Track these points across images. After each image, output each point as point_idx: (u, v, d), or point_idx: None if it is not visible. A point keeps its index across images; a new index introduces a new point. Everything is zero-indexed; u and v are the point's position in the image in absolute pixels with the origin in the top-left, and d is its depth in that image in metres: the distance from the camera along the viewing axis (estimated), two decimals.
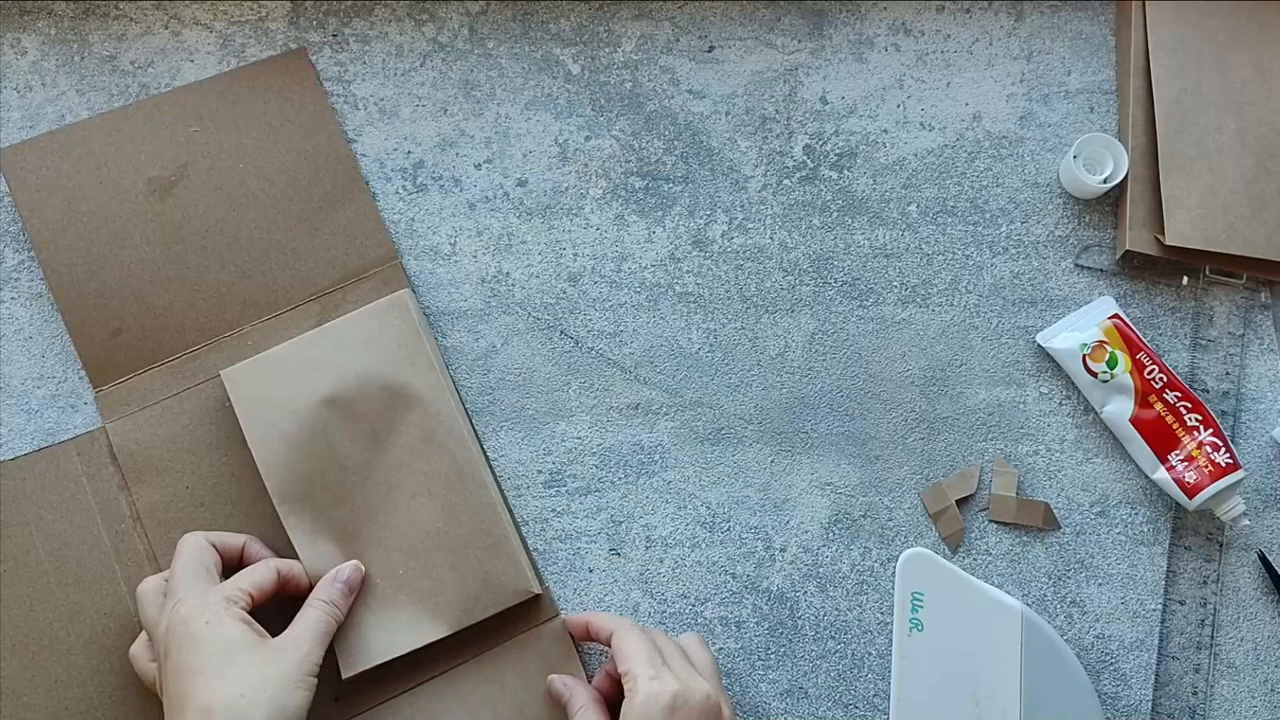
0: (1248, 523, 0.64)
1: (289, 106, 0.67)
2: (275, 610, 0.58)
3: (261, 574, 0.57)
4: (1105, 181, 0.67)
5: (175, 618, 0.53)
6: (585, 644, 0.63)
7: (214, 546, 0.58)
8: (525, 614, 0.62)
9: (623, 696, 0.54)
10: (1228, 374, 0.67)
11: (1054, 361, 0.67)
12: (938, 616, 0.62)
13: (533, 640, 0.62)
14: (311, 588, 0.59)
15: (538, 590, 0.62)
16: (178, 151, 0.66)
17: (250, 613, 0.55)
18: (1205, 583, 0.65)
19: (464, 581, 0.60)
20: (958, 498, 0.65)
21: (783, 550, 0.65)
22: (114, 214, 0.65)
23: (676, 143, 0.69)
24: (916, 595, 0.62)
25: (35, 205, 0.64)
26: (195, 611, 0.53)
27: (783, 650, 0.64)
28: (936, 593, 0.62)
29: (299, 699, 0.52)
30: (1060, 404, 0.67)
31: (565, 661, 0.61)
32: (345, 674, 0.59)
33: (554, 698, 0.59)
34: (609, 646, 0.58)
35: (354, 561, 0.60)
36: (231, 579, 0.56)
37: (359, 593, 0.60)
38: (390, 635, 0.59)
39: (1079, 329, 0.65)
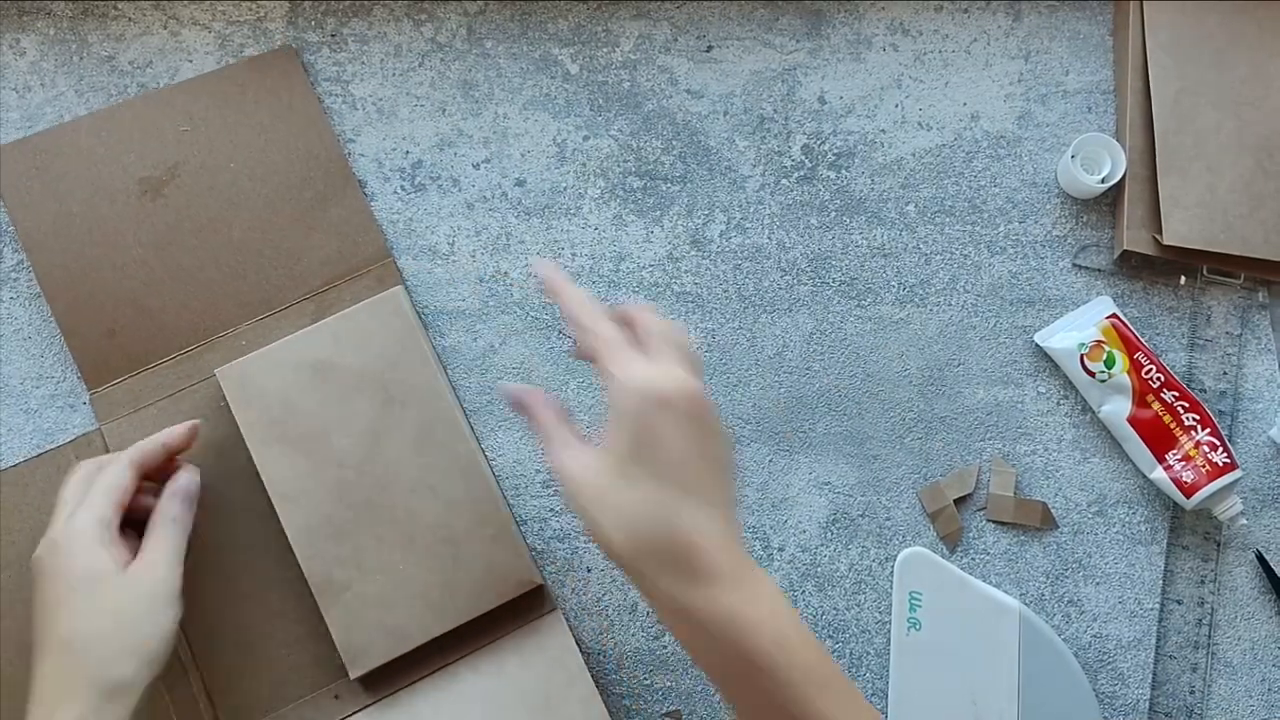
0: (1245, 522, 0.64)
1: (279, 105, 0.67)
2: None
3: (114, 479, 0.55)
4: (1103, 181, 0.67)
5: (43, 548, 0.53)
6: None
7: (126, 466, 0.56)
8: (526, 606, 0.62)
9: None
10: (1225, 374, 0.67)
11: (1052, 361, 0.67)
12: (936, 616, 0.62)
13: (533, 633, 0.62)
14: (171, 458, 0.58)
15: (540, 580, 0.62)
16: (168, 151, 0.66)
17: (127, 518, 0.55)
18: (1203, 582, 0.65)
19: (467, 574, 0.61)
20: (956, 497, 0.65)
21: (781, 550, 0.65)
22: (105, 215, 0.65)
23: (675, 142, 0.69)
24: (915, 594, 0.62)
25: (26, 206, 0.64)
26: (57, 541, 0.52)
27: None
28: (935, 592, 0.62)
29: (160, 627, 0.52)
30: (1058, 403, 0.67)
31: (565, 654, 0.61)
32: (353, 675, 0.59)
33: (514, 407, 0.54)
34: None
35: (189, 468, 0.58)
36: (93, 490, 0.54)
37: (363, 590, 0.60)
38: (395, 632, 0.59)
39: (1077, 329, 0.65)
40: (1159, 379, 0.64)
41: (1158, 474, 0.64)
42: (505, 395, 0.54)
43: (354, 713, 0.60)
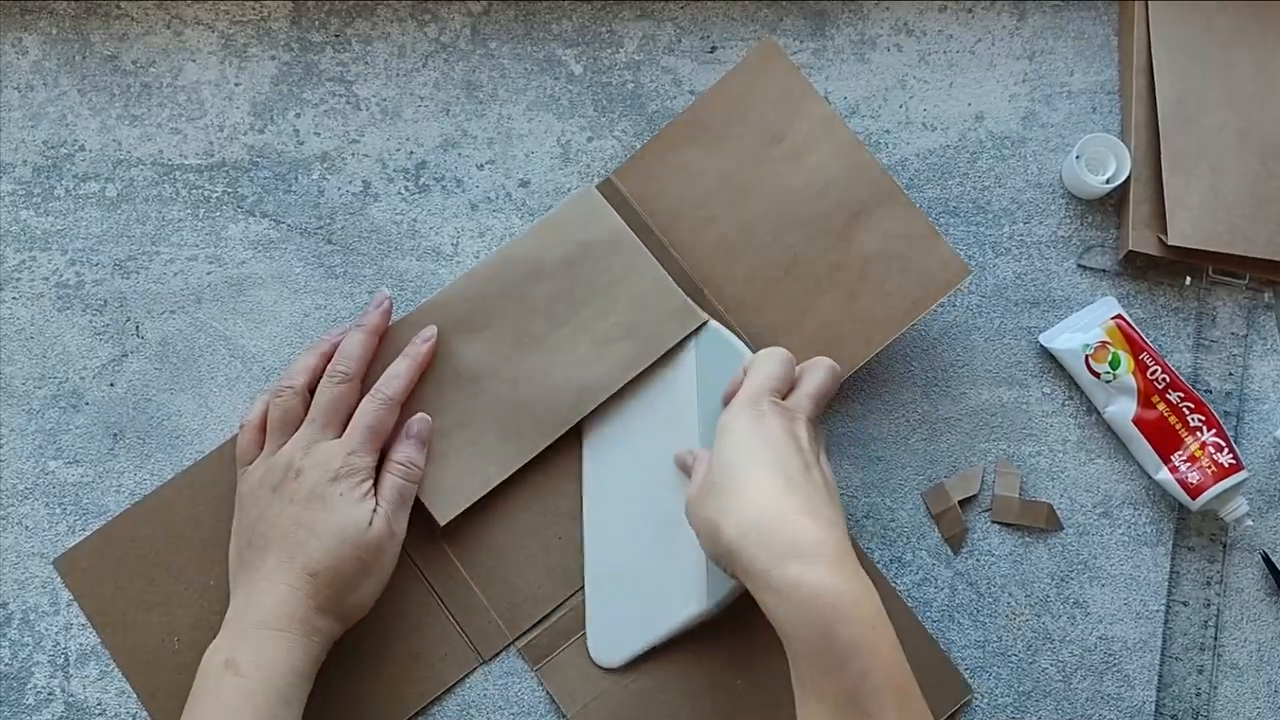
0: (1251, 523, 0.64)
1: None
2: None
3: (380, 421, 0.59)
4: (1108, 182, 0.67)
5: (316, 458, 0.57)
6: None
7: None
8: None
9: None
10: (1231, 374, 0.67)
11: (1056, 362, 0.67)
12: None
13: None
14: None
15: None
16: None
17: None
18: (1208, 583, 0.65)
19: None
20: (960, 498, 0.65)
21: None
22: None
23: None
24: None
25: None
26: (335, 468, 0.57)
27: None
28: None
29: (391, 568, 0.58)
30: (1063, 404, 0.67)
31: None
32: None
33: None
34: None
35: (423, 416, 0.62)
36: (360, 428, 0.59)
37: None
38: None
39: (1082, 329, 0.65)
40: (1164, 380, 0.64)
41: (1163, 475, 0.64)
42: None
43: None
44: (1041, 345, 0.67)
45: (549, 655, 0.62)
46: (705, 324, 0.63)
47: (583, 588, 0.63)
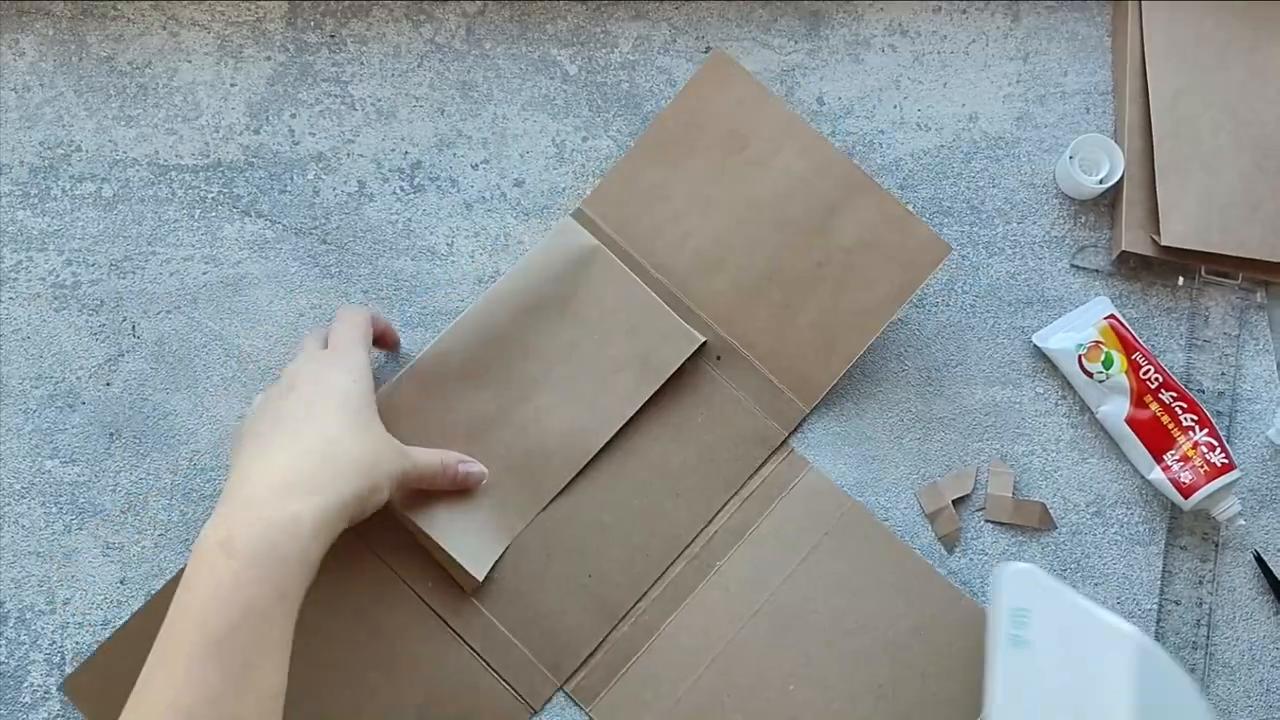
0: (1243, 523, 0.64)
1: None
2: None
3: (352, 321, 0.60)
4: (1101, 182, 0.67)
5: (314, 365, 0.57)
6: None
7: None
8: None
9: None
10: (1223, 374, 0.67)
11: (1050, 362, 0.67)
12: (1044, 635, 0.58)
13: None
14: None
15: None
16: None
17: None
18: (1201, 583, 0.65)
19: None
20: (954, 498, 0.65)
21: None
22: None
23: None
24: (1020, 611, 0.59)
25: None
26: (334, 361, 0.57)
27: None
28: (1043, 611, 0.59)
29: (385, 496, 0.55)
30: (1056, 404, 0.67)
31: None
32: None
33: None
34: None
35: (481, 469, 0.61)
36: (361, 359, 0.58)
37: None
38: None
39: (1075, 329, 0.66)
40: (1157, 379, 0.64)
41: (1156, 474, 0.64)
42: None
43: None
44: (1035, 345, 0.67)
45: (600, 693, 0.61)
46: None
47: (621, 621, 0.62)
